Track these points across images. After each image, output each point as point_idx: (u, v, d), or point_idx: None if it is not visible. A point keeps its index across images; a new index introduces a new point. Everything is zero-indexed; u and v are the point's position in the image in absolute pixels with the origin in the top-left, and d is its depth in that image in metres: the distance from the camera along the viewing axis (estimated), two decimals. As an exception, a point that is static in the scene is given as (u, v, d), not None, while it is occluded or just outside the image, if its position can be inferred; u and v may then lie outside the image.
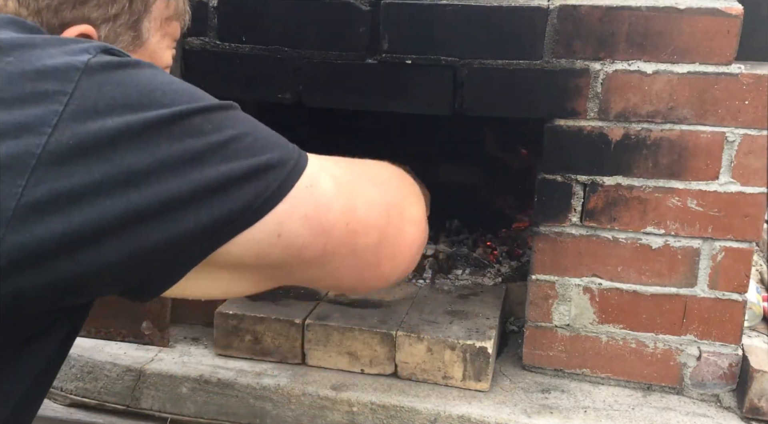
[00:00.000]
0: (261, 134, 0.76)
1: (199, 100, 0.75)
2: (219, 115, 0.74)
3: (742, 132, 1.41)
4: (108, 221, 0.64)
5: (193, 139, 0.69)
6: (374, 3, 1.48)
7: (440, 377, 1.56)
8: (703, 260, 1.48)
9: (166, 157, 0.67)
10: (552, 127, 1.47)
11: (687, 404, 1.53)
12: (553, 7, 1.41)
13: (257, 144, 0.74)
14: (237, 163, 0.71)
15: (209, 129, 0.71)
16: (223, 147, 0.71)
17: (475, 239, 2.06)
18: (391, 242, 0.86)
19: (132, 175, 0.65)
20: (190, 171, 0.68)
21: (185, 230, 0.68)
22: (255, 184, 0.72)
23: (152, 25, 0.93)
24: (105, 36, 0.86)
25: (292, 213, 0.74)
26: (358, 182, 0.85)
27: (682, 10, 1.37)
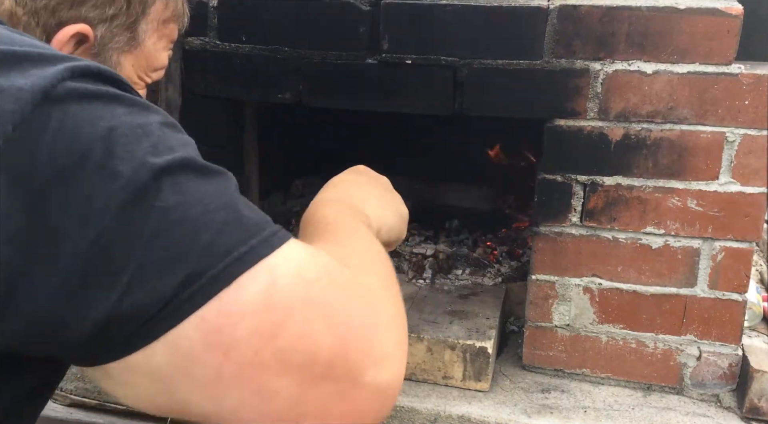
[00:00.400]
0: (236, 213, 0.63)
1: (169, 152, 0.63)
2: (182, 185, 0.61)
3: (742, 132, 1.41)
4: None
5: (157, 196, 0.58)
6: (374, 3, 1.48)
7: (440, 377, 1.56)
8: (703, 260, 1.48)
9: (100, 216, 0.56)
10: (552, 127, 1.48)
11: (687, 404, 1.53)
12: (553, 7, 1.41)
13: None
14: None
15: (182, 191, 0.60)
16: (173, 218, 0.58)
17: (475, 239, 2.06)
18: (321, 405, 0.61)
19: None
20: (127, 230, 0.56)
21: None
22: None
23: (149, 27, 0.92)
24: (101, 36, 0.85)
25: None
26: (306, 301, 0.61)
27: (682, 10, 1.37)
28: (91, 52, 0.84)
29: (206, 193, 0.63)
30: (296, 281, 0.61)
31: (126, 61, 0.90)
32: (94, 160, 0.57)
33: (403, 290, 1.82)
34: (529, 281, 1.58)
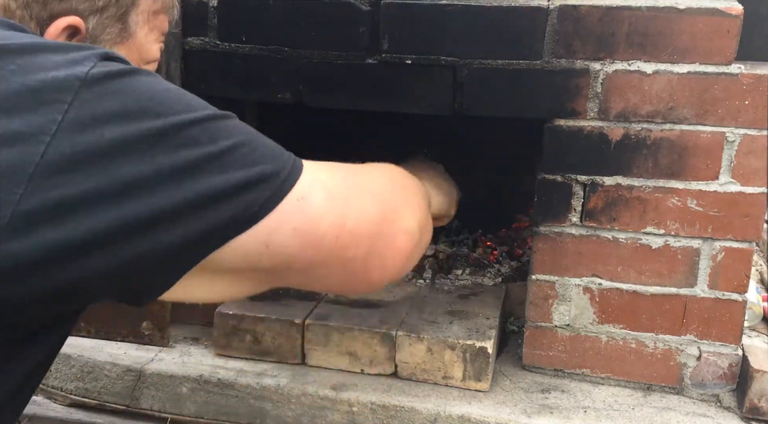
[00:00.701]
0: (255, 144, 0.76)
1: (196, 109, 0.74)
2: (215, 125, 0.74)
3: (742, 132, 1.41)
4: (100, 232, 0.65)
5: (187, 150, 0.70)
6: (374, 3, 1.48)
7: (440, 377, 1.56)
8: (703, 260, 1.48)
9: (161, 168, 0.68)
10: (552, 127, 1.48)
11: (687, 404, 1.53)
12: (553, 7, 1.41)
13: (251, 155, 0.74)
14: (229, 175, 0.71)
15: (204, 140, 0.72)
16: (217, 158, 0.71)
17: (475, 239, 2.06)
18: (381, 252, 0.86)
19: (126, 186, 0.66)
20: (183, 182, 0.69)
21: (176, 240, 0.69)
22: (245, 196, 0.72)
23: (140, 19, 0.93)
24: (92, 28, 0.87)
25: (281, 225, 0.75)
26: (351, 193, 0.85)
27: (682, 10, 1.37)
28: (84, 43, 0.86)
29: (246, 129, 0.78)
30: (338, 182, 0.83)
31: (119, 51, 0.90)
32: (154, 117, 0.69)
33: (403, 290, 1.84)
34: (529, 281, 1.58)
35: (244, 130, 0.78)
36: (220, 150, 0.72)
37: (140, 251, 0.68)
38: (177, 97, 0.74)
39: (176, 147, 0.69)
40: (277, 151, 0.79)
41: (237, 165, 0.73)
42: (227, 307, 1.66)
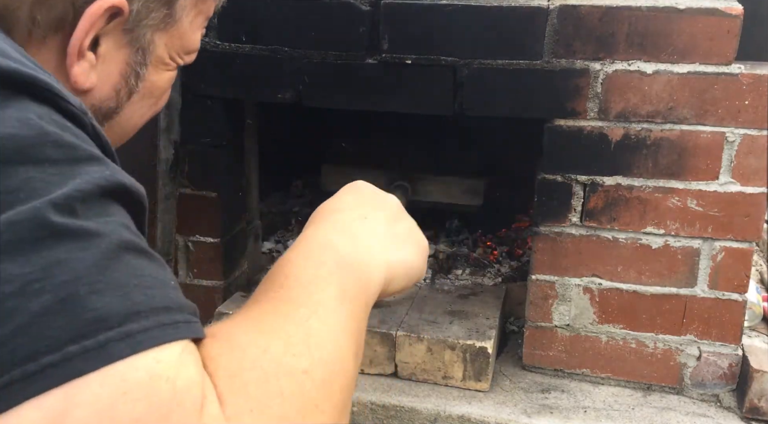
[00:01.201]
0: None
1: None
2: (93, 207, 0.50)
3: (742, 132, 1.41)
4: None
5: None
6: (374, 3, 1.48)
7: (440, 377, 1.56)
8: (703, 260, 1.48)
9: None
10: (552, 127, 1.47)
11: (687, 404, 1.53)
12: (553, 7, 1.41)
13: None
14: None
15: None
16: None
17: (475, 239, 2.06)
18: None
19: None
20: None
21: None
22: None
23: (187, 3, 0.84)
24: (137, 11, 0.77)
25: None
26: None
27: (682, 10, 1.37)
28: (124, 27, 0.77)
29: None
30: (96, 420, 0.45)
31: (160, 39, 0.83)
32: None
33: (403, 290, 1.82)
34: (529, 281, 1.58)
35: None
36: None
37: None
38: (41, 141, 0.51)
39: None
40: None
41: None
42: (227, 307, 1.66)
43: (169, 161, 1.64)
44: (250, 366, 0.53)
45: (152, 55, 0.83)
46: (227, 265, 1.76)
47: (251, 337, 0.56)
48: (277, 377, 0.54)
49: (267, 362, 0.54)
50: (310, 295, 0.62)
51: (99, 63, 0.75)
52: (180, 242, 1.73)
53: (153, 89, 0.85)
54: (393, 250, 0.74)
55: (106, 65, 0.76)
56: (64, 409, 0.44)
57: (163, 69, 0.86)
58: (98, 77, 0.75)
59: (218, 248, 1.73)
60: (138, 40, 0.79)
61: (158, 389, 0.46)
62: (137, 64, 0.79)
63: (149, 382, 0.46)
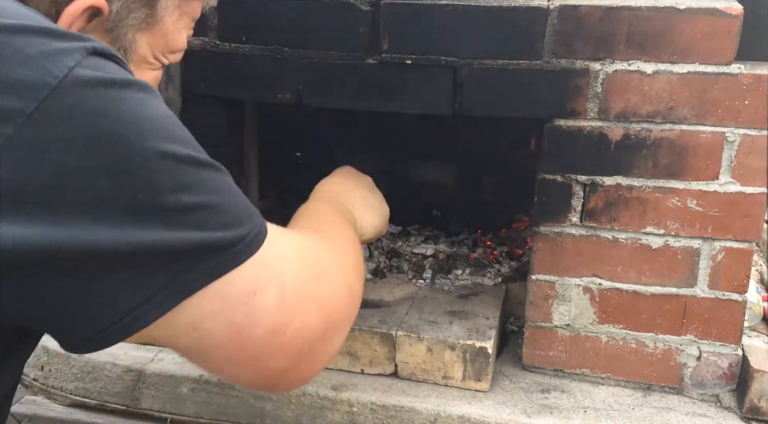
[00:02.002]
0: (223, 208, 0.69)
1: (176, 142, 0.66)
2: (188, 172, 0.66)
3: (742, 132, 1.41)
4: (19, 246, 0.58)
5: (141, 192, 0.62)
6: (374, 3, 1.48)
7: (440, 377, 1.56)
8: (703, 260, 1.48)
9: (100, 203, 0.60)
10: (552, 127, 1.47)
11: (687, 404, 1.53)
12: (553, 7, 1.41)
13: (213, 219, 0.67)
14: (184, 235, 0.64)
15: (167, 185, 0.63)
16: (171, 213, 0.64)
17: (475, 239, 2.06)
18: (303, 367, 0.79)
19: (65, 214, 0.59)
20: (122, 227, 0.61)
21: (102, 288, 0.62)
22: (190, 261, 0.65)
23: (170, 3, 0.86)
24: (117, 11, 0.79)
25: (218, 314, 0.68)
26: (304, 302, 0.76)
27: (682, 11, 1.37)
28: (105, 27, 0.79)
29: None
30: (298, 285, 0.75)
31: (142, 39, 0.84)
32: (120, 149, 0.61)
33: (403, 290, 1.84)
34: (529, 281, 1.58)
35: (219, 190, 0.69)
36: (179, 205, 0.64)
37: (55, 284, 0.61)
38: (162, 125, 0.66)
39: (131, 183, 0.61)
40: (245, 219, 0.71)
41: (192, 226, 0.65)
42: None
43: (169, 161, 1.64)
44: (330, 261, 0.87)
45: (135, 55, 0.83)
46: (227, 265, 1.76)
47: (327, 244, 0.90)
48: (336, 269, 0.86)
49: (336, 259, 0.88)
50: (341, 228, 1.00)
51: None
52: (180, 242, 1.73)
53: None
54: (365, 214, 1.17)
55: None
56: (281, 281, 0.73)
57: (147, 68, 0.87)
58: None
59: (218, 248, 1.72)
60: (119, 39, 0.81)
61: (288, 248, 0.79)
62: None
63: (265, 282, 0.72)
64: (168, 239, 0.63)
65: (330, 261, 0.85)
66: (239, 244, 0.68)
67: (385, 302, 1.73)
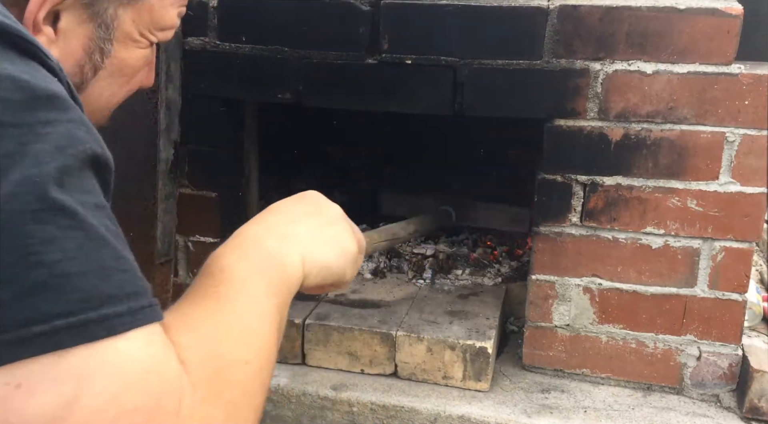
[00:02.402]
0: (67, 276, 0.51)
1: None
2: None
3: (742, 132, 1.41)
4: None
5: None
6: (374, 3, 1.48)
7: (440, 377, 1.56)
8: (703, 260, 1.48)
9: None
10: (552, 127, 1.47)
11: (687, 404, 1.53)
12: (553, 7, 1.41)
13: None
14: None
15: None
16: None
17: (475, 239, 2.06)
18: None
19: None
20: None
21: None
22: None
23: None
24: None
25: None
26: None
27: (682, 10, 1.37)
28: (83, 1, 0.75)
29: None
30: (105, 408, 0.49)
31: (125, 14, 0.79)
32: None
33: (403, 289, 1.83)
34: (529, 281, 1.58)
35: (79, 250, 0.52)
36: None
37: None
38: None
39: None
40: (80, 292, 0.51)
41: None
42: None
43: (169, 161, 1.64)
44: (212, 357, 0.60)
45: (117, 31, 0.79)
46: (227, 265, 1.76)
47: (208, 330, 0.63)
48: (230, 367, 0.62)
49: (224, 353, 0.62)
50: (245, 291, 0.69)
51: (60, 38, 0.73)
52: (180, 242, 1.73)
53: (122, 67, 0.81)
54: (312, 250, 0.81)
55: (67, 41, 0.74)
56: (78, 388, 0.49)
57: (133, 46, 0.82)
58: (60, 52, 0.73)
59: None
60: (100, 14, 0.77)
61: (130, 369, 0.52)
62: (101, 40, 0.77)
63: (123, 361, 0.52)
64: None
65: (189, 406, 0.56)
66: (40, 330, 0.49)
67: (385, 302, 1.73)
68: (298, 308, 1.67)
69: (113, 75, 0.81)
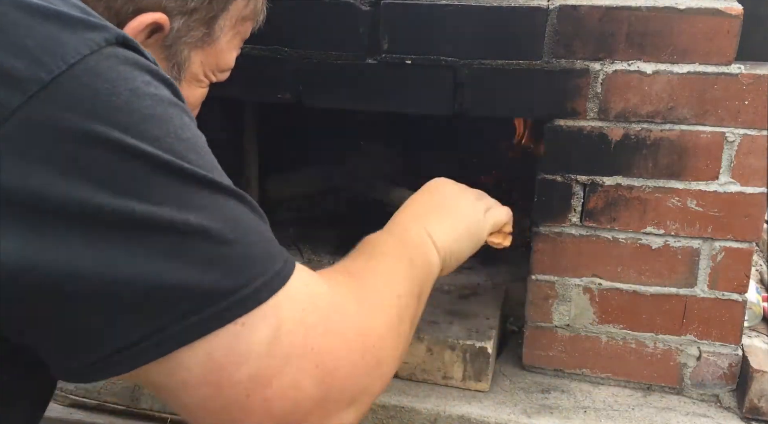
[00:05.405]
0: (238, 245, 0.61)
1: (196, 164, 0.61)
2: (205, 196, 0.61)
3: (742, 132, 1.41)
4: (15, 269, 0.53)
5: (135, 201, 0.56)
6: (374, 3, 1.48)
7: (440, 377, 1.56)
8: (703, 260, 1.48)
9: (114, 211, 0.55)
10: (552, 128, 1.47)
11: (687, 404, 1.53)
12: (553, 7, 1.41)
13: (220, 253, 0.60)
14: (197, 274, 0.58)
15: (170, 200, 0.58)
16: (169, 234, 0.57)
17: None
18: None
19: (64, 205, 0.53)
20: (127, 245, 0.55)
21: (100, 319, 0.56)
22: (180, 306, 0.58)
23: (226, 24, 0.86)
24: (177, 28, 0.80)
25: (198, 356, 0.59)
26: (305, 348, 0.64)
27: (682, 10, 1.37)
28: (164, 43, 0.80)
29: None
30: (297, 328, 0.64)
31: (196, 56, 0.85)
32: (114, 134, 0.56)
33: (403, 290, 1.82)
34: (529, 281, 1.58)
35: (235, 222, 0.62)
36: (181, 225, 0.57)
37: (37, 294, 0.55)
38: (187, 142, 0.62)
39: (124, 186, 0.55)
40: (266, 262, 0.63)
41: (192, 258, 0.58)
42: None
43: (169, 161, 1.64)
44: (361, 286, 0.76)
45: (187, 72, 0.85)
46: (227, 265, 1.76)
47: (356, 271, 0.79)
48: (377, 294, 0.77)
49: (371, 284, 0.78)
50: (391, 256, 0.84)
51: None
52: (180, 242, 1.73)
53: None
54: (454, 242, 0.98)
55: None
56: (277, 321, 0.63)
57: (196, 85, 0.90)
58: None
59: (218, 248, 1.72)
60: (175, 55, 0.82)
61: (301, 298, 0.66)
62: (173, 79, 0.81)
63: (296, 294, 0.66)
64: (181, 278, 0.57)
65: (350, 314, 0.70)
66: (249, 292, 0.61)
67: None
68: (298, 308, 1.67)
69: None
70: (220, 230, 0.60)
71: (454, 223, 1.00)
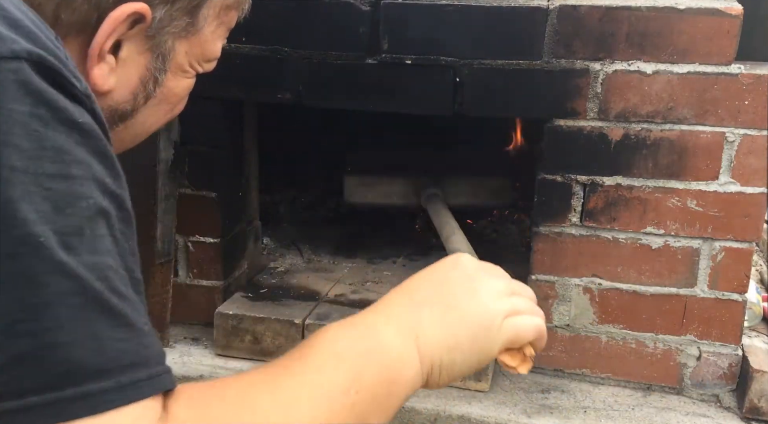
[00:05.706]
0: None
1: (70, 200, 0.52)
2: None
3: (742, 132, 1.41)
4: None
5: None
6: (374, 3, 1.48)
7: (440, 377, 1.56)
8: (703, 260, 1.48)
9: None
10: (552, 128, 1.47)
11: (687, 404, 1.53)
12: (553, 7, 1.41)
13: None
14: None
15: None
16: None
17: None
18: None
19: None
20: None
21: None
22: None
23: (210, 13, 0.85)
24: (160, 18, 0.78)
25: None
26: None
27: (682, 11, 1.37)
28: (147, 34, 0.78)
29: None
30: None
31: (180, 47, 0.84)
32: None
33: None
34: (529, 281, 1.58)
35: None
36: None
37: None
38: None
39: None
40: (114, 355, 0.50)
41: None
42: (227, 307, 1.66)
43: (169, 161, 1.64)
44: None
45: (172, 62, 0.83)
46: (227, 265, 1.76)
47: (222, 408, 0.57)
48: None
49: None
50: (314, 373, 0.62)
51: (119, 67, 0.76)
52: (180, 242, 1.73)
53: (170, 96, 0.86)
54: (449, 352, 0.71)
55: (126, 69, 0.77)
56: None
57: (182, 76, 0.88)
58: (118, 80, 0.76)
59: (218, 248, 1.73)
60: (159, 46, 0.80)
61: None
62: (156, 70, 0.80)
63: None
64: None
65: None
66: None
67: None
68: (297, 308, 1.67)
69: (160, 103, 0.85)
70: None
71: (454, 325, 0.73)
